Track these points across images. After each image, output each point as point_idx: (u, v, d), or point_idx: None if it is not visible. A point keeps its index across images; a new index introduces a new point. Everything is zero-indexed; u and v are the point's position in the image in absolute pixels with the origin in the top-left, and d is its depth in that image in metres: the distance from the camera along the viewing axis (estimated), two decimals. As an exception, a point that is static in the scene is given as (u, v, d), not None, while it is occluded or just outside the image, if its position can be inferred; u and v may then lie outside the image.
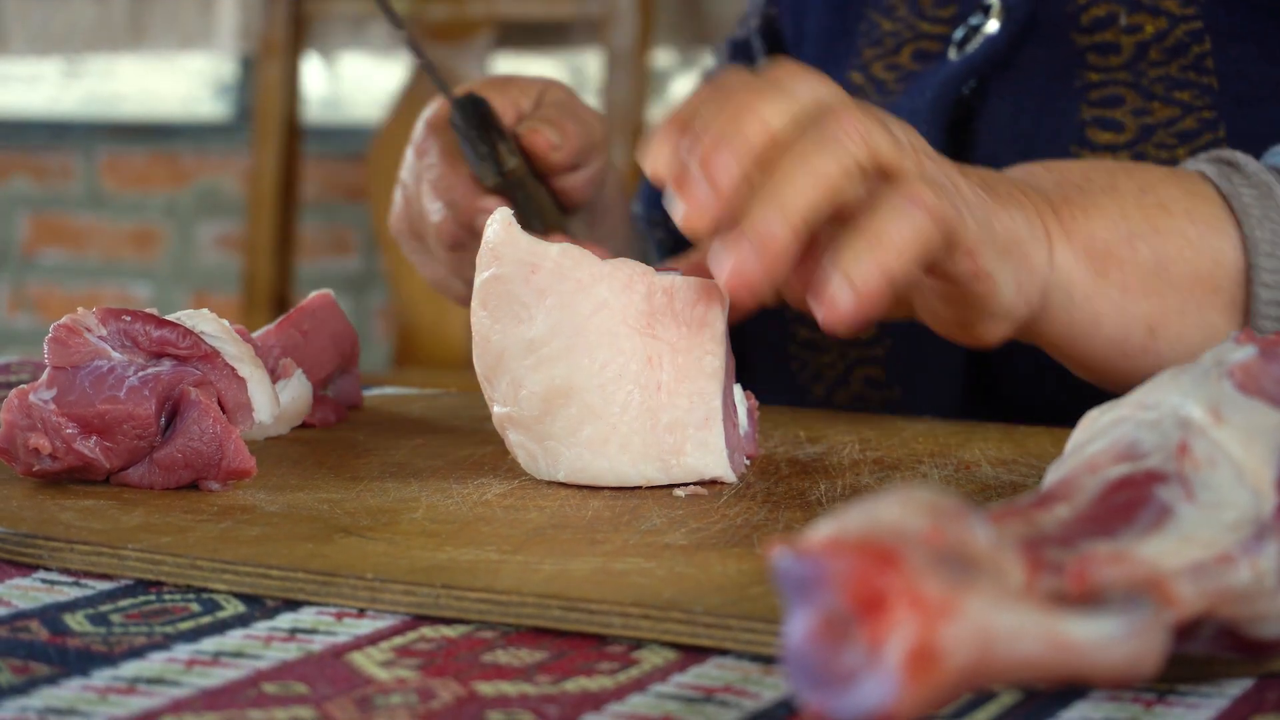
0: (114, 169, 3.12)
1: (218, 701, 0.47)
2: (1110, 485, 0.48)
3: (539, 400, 0.69)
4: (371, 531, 0.63)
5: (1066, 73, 0.94)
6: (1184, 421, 0.50)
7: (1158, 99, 0.92)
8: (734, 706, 0.48)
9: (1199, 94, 0.91)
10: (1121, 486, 0.48)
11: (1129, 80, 0.92)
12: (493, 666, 0.51)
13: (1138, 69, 0.92)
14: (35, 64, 3.16)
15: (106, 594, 0.59)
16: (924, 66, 1.01)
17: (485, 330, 0.70)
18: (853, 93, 1.02)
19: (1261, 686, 0.50)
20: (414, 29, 2.70)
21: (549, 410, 0.70)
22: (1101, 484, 0.48)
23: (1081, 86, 0.93)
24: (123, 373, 0.70)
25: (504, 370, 0.70)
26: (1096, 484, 0.48)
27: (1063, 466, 0.50)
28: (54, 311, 3.12)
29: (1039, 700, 0.48)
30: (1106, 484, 0.48)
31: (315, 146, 2.87)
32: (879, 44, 1.04)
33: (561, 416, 0.70)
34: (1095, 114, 0.93)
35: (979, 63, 0.96)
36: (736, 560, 0.59)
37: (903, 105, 0.99)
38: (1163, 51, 0.92)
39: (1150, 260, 0.77)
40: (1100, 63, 0.94)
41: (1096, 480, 0.48)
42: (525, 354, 0.69)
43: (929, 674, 0.38)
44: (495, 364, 0.70)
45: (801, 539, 0.40)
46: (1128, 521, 0.46)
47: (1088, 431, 0.53)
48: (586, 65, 2.78)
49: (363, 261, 2.97)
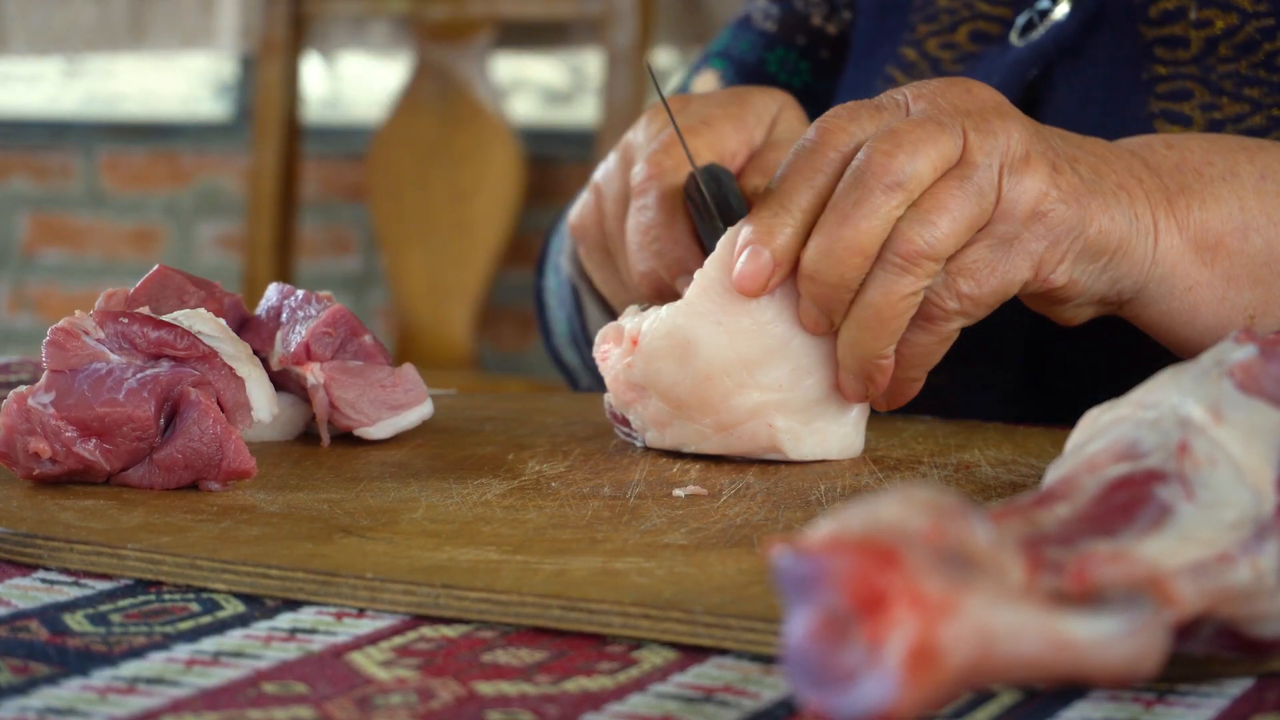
0: (114, 169, 3.11)
1: (217, 701, 0.47)
2: (1110, 484, 0.48)
3: (824, 385, 0.75)
4: (371, 531, 0.63)
5: (1134, 64, 0.92)
6: (1184, 421, 0.50)
7: (1226, 94, 0.90)
8: (734, 706, 0.48)
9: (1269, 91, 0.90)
10: (1121, 486, 0.48)
11: (1197, 75, 0.91)
12: (493, 666, 0.51)
13: (1206, 64, 0.91)
14: (35, 64, 3.16)
15: (106, 594, 0.59)
16: (982, 48, 0.99)
17: (766, 319, 0.74)
18: (906, 70, 1.02)
19: (1261, 686, 0.50)
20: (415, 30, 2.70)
21: (828, 393, 0.75)
22: (1101, 483, 0.48)
23: (1149, 79, 0.92)
24: (121, 375, 0.70)
25: (786, 358, 0.74)
26: (1096, 483, 0.48)
27: (1063, 466, 0.50)
28: (54, 311, 3.12)
29: (1039, 700, 0.48)
30: (1106, 483, 0.48)
31: (315, 146, 2.87)
32: (934, 20, 1.02)
33: (834, 399, 0.76)
34: (1163, 107, 0.91)
35: (1048, 49, 0.95)
36: (736, 560, 0.59)
37: None
38: (1232, 48, 0.91)
39: (1261, 251, 0.78)
40: (1168, 56, 0.92)
41: (1096, 479, 0.48)
42: (815, 343, 0.74)
43: (929, 673, 0.38)
44: (777, 350, 0.74)
45: (801, 538, 0.40)
46: (1128, 521, 0.46)
47: (1088, 431, 0.53)
48: (586, 65, 2.78)
49: (363, 261, 2.97)
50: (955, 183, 0.71)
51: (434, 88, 2.68)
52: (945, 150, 0.71)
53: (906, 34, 1.03)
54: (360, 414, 0.80)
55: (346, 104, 3.00)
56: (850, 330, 0.73)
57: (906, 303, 0.72)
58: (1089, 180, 0.74)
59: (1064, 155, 0.74)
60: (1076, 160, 0.74)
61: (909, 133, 0.71)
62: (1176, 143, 0.80)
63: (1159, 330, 0.79)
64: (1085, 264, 0.74)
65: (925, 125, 0.71)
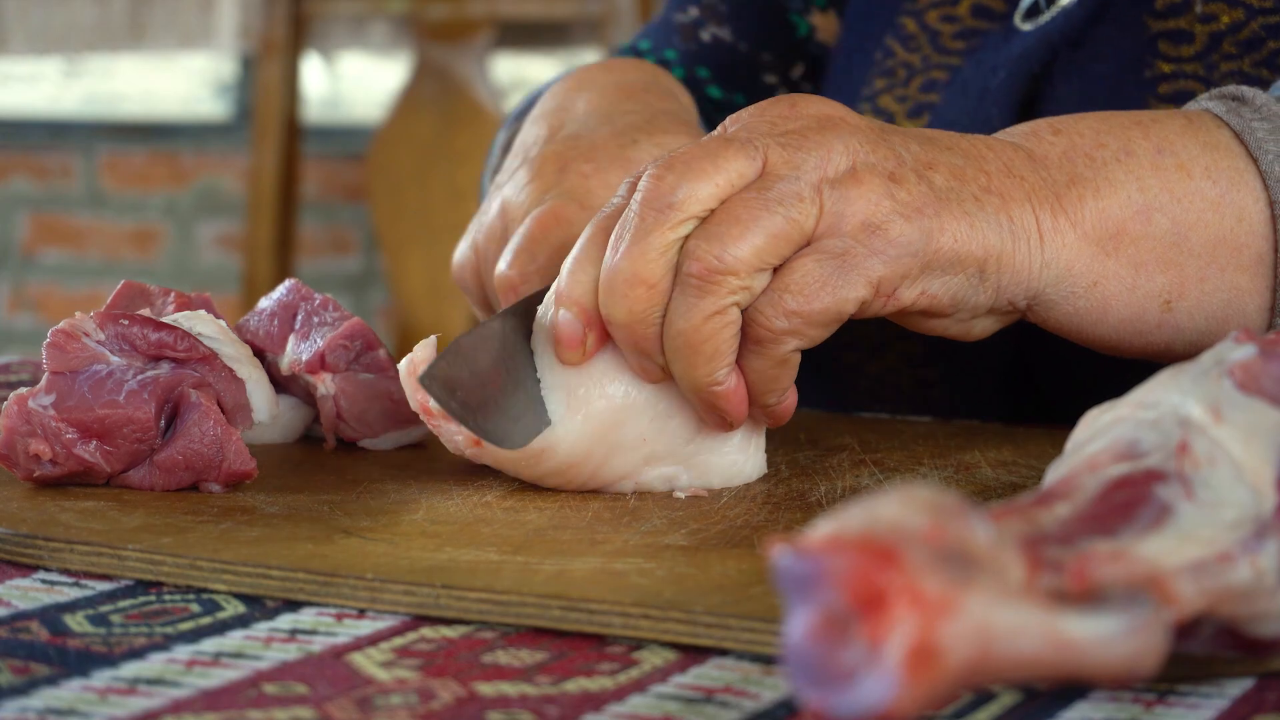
0: (114, 169, 3.12)
1: (218, 702, 0.47)
2: (1110, 484, 0.48)
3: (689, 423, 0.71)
4: (371, 532, 0.63)
5: (1137, 61, 0.91)
6: (1184, 420, 0.50)
7: None
8: (734, 707, 0.48)
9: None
10: (1121, 485, 0.48)
11: (1199, 74, 0.89)
12: (493, 667, 0.51)
13: (1209, 61, 0.89)
14: (35, 64, 3.16)
15: (106, 594, 0.59)
16: (985, 24, 0.97)
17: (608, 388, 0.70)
18: (905, 42, 0.99)
19: (1261, 686, 0.50)
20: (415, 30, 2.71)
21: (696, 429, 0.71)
22: (1101, 483, 0.48)
23: (1152, 78, 0.90)
24: (121, 376, 0.70)
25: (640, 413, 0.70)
26: (1096, 483, 0.48)
27: (1063, 466, 0.50)
28: (54, 311, 3.12)
29: (1039, 700, 0.48)
30: (1106, 483, 0.48)
31: (315, 146, 2.87)
32: None
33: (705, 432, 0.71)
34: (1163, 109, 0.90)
35: (1053, 38, 0.92)
36: (736, 560, 0.59)
37: (972, 83, 0.95)
38: (1236, 44, 0.89)
39: (1168, 231, 0.73)
40: (1172, 52, 0.90)
41: (1096, 479, 0.48)
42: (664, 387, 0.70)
43: (929, 672, 0.38)
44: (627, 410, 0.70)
45: (802, 537, 0.40)
46: (1128, 520, 0.46)
47: (1087, 431, 0.53)
48: (586, 65, 2.78)
49: (363, 261, 2.97)
50: (751, 194, 0.66)
51: (434, 88, 2.69)
52: (731, 167, 0.66)
53: (907, 3, 1.00)
54: (366, 426, 0.80)
55: (346, 104, 3.00)
56: (674, 363, 0.68)
57: (714, 324, 0.66)
58: (942, 190, 0.69)
59: (913, 164, 0.69)
60: (932, 166, 0.70)
61: (685, 155, 0.67)
62: (1065, 126, 0.74)
63: (1070, 331, 0.74)
64: (944, 277, 0.69)
65: (708, 145, 0.67)
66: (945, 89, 0.96)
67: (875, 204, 0.67)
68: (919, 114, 0.97)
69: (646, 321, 0.67)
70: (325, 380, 0.79)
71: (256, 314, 0.82)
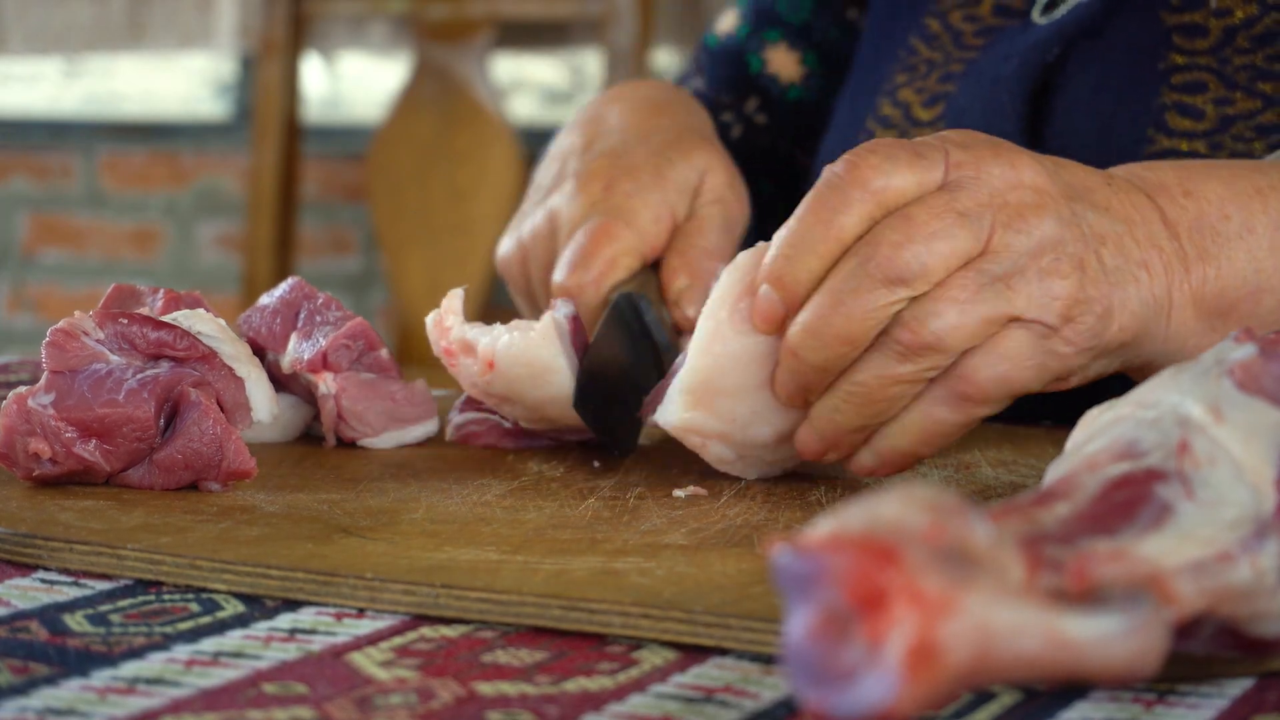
0: (114, 169, 3.11)
1: (217, 702, 0.47)
2: (1110, 483, 0.48)
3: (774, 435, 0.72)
4: (371, 531, 0.63)
5: (1151, 53, 0.92)
6: (1184, 420, 0.50)
7: (1240, 89, 0.89)
8: (734, 706, 0.48)
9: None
10: (1121, 484, 0.48)
11: (1213, 66, 0.90)
12: (493, 666, 0.51)
13: (1223, 55, 0.90)
14: (35, 64, 3.16)
15: (106, 594, 0.58)
16: (1005, 22, 0.99)
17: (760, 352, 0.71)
18: (929, 41, 1.01)
19: (1261, 686, 0.50)
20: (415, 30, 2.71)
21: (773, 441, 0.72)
22: (1102, 482, 0.48)
23: (1165, 69, 0.91)
24: (121, 375, 0.70)
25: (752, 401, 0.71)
26: (1096, 482, 0.48)
27: (1063, 465, 0.50)
28: (54, 311, 3.12)
29: (1039, 700, 0.48)
30: (1107, 482, 0.48)
31: (315, 146, 2.87)
32: None
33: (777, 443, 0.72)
34: (1176, 99, 0.90)
35: (1069, 29, 0.94)
36: (736, 560, 0.59)
37: (985, 72, 0.96)
38: (1250, 39, 0.90)
39: (1272, 311, 0.74)
40: (1186, 45, 0.91)
41: (1096, 478, 0.48)
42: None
43: (929, 671, 0.38)
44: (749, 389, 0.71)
45: (801, 536, 0.40)
46: (1128, 519, 0.46)
47: (1088, 430, 0.53)
48: (586, 65, 2.78)
49: (363, 261, 2.97)
50: (970, 275, 0.67)
51: (434, 88, 2.68)
52: (962, 248, 0.67)
53: (931, 4, 1.03)
54: (366, 425, 0.80)
55: (346, 104, 3.00)
56: (834, 399, 0.69)
57: (900, 389, 0.68)
58: (1112, 270, 0.70)
59: (1092, 239, 0.69)
60: (1103, 241, 0.70)
61: (926, 224, 0.66)
62: (1194, 188, 0.74)
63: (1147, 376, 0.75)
64: (1104, 360, 0.71)
65: (945, 218, 0.67)
66: (961, 79, 0.98)
67: (1072, 296, 0.68)
68: (934, 103, 0.99)
69: (831, 372, 0.68)
70: (326, 379, 0.80)
71: (258, 310, 0.82)
